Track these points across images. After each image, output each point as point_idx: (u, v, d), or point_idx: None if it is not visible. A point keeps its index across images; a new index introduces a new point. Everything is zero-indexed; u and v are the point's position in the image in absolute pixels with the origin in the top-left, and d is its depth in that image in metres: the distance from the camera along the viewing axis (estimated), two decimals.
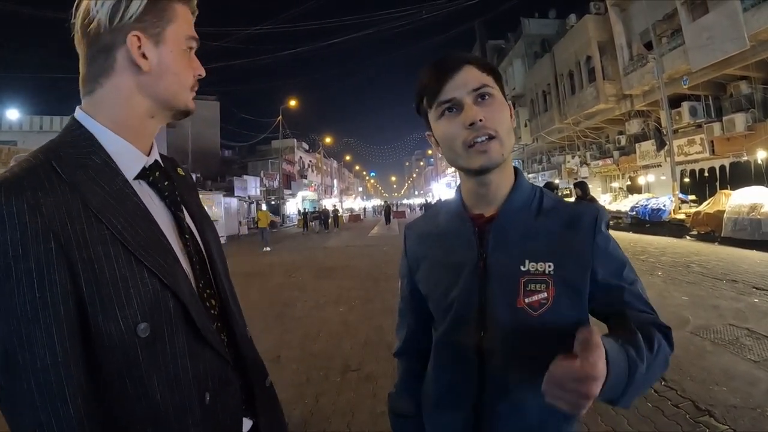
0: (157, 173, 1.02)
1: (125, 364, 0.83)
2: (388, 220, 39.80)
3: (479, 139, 1.02)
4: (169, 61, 0.95)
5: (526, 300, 1.03)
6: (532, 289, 1.03)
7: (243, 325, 1.12)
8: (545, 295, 1.03)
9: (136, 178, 0.96)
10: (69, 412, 0.76)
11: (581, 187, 8.94)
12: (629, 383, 0.86)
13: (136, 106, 0.96)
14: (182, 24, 0.97)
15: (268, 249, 19.58)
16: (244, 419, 1.06)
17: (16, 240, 0.76)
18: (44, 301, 0.76)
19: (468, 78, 1.05)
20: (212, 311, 1.02)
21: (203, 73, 1.03)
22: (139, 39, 0.92)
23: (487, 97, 1.05)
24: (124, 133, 0.95)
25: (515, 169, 1.17)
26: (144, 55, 0.93)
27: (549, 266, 1.03)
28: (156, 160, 1.03)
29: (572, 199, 10.13)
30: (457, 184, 1.27)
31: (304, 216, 39.35)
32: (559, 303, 1.03)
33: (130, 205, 0.90)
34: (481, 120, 1.02)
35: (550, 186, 8.83)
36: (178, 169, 1.19)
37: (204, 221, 1.13)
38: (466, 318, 1.10)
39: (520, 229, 1.08)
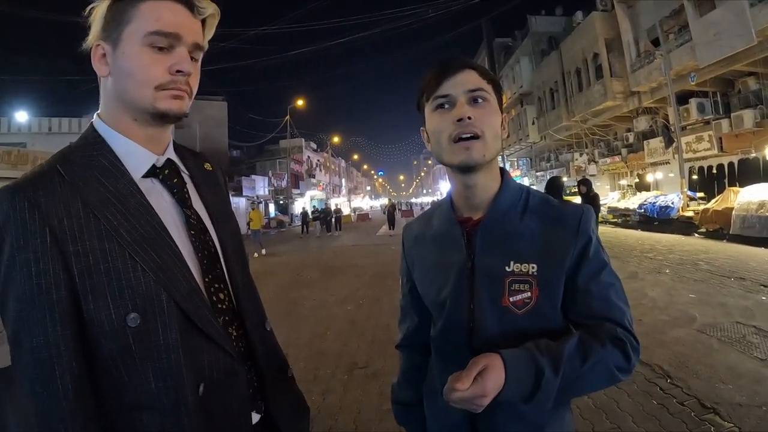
0: (167, 171, 1.07)
1: (119, 352, 0.90)
2: (392, 225, 28.97)
3: (464, 136, 1.07)
4: (122, 62, 0.96)
5: (511, 299, 1.08)
6: (516, 288, 1.08)
7: (259, 319, 1.17)
8: (529, 294, 1.08)
9: (147, 176, 1.03)
10: (57, 387, 0.85)
11: (585, 184, 9.02)
12: (535, 390, 0.96)
13: (115, 109, 1.01)
14: (141, 22, 0.95)
15: (264, 252, 18.11)
16: (254, 413, 1.10)
17: (18, 233, 0.86)
18: (39, 288, 0.86)
19: (466, 79, 1.11)
20: (219, 305, 1.06)
21: (183, 68, 0.98)
22: (102, 47, 0.98)
23: (480, 100, 1.11)
24: (131, 135, 1.01)
25: (501, 170, 1.21)
26: (107, 61, 0.98)
27: (532, 267, 1.08)
28: (169, 159, 1.09)
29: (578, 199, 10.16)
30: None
31: (303, 216, 34.37)
32: (543, 302, 1.08)
33: (133, 202, 0.96)
34: (469, 118, 1.07)
35: (555, 182, 8.79)
36: (206, 164, 1.25)
37: (222, 217, 1.17)
38: (457, 315, 1.15)
39: (505, 231, 1.13)
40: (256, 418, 1.11)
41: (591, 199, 8.82)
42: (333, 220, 31.96)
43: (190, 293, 0.97)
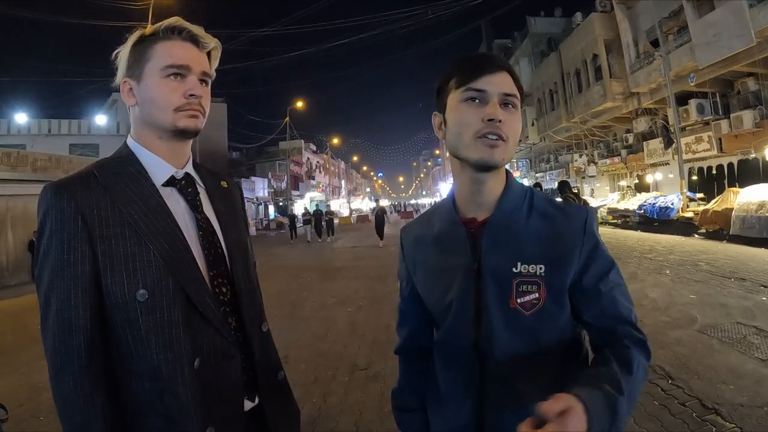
0: (184, 182, 1.26)
1: (128, 324, 1.08)
2: (381, 234, 21.37)
3: (491, 136, 1.06)
4: (146, 92, 1.19)
5: (519, 300, 1.07)
6: (524, 290, 1.07)
7: (257, 318, 1.31)
8: (537, 295, 1.07)
9: (166, 185, 1.22)
10: (72, 342, 1.04)
11: (560, 186, 9.11)
12: (614, 418, 0.89)
13: (143, 130, 1.23)
14: (158, 59, 1.17)
15: None
16: (246, 400, 1.23)
17: (57, 218, 1.07)
18: (68, 261, 1.06)
19: (504, 81, 1.09)
20: (222, 297, 1.22)
21: (194, 92, 1.19)
22: (128, 83, 1.21)
23: (511, 106, 1.09)
24: (155, 150, 1.22)
25: (505, 171, 1.20)
26: (134, 94, 1.21)
27: (540, 268, 1.07)
28: (187, 173, 1.28)
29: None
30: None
31: (291, 219, 30.36)
32: (550, 303, 1.07)
33: (152, 202, 1.16)
34: (500, 121, 1.05)
35: (537, 187, 8.93)
36: (222, 182, 1.44)
37: (230, 225, 1.33)
38: (464, 318, 1.14)
39: (511, 231, 1.12)
40: (248, 406, 1.24)
41: (565, 200, 8.86)
42: (324, 224, 27.20)
43: (194, 280, 1.14)
